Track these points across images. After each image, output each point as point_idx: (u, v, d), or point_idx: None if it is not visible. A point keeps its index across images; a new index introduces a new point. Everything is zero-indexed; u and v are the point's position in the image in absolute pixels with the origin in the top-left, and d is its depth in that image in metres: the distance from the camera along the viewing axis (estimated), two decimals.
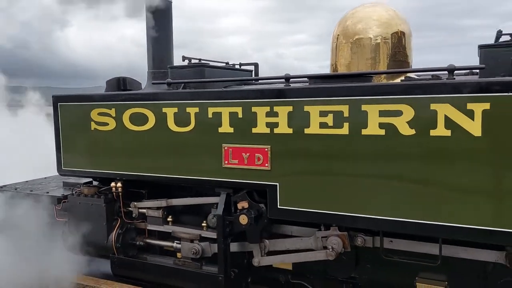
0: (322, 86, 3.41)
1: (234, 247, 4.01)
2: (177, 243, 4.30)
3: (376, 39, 4.08)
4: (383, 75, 4.07)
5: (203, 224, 4.19)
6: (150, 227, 4.49)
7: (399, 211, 3.16)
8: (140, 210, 4.49)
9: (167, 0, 5.36)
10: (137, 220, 4.54)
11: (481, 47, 3.38)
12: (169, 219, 4.37)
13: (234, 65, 5.48)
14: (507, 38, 3.63)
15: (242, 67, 5.54)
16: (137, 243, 4.57)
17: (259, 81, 5.10)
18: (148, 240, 4.55)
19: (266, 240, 3.95)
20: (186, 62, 4.79)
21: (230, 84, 4.57)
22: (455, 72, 3.16)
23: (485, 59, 3.33)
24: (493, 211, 2.89)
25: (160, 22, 5.29)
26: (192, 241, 4.18)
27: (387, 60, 4.08)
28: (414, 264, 3.49)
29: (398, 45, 4.10)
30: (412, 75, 4.07)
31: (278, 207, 3.58)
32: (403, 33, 4.12)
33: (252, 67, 5.60)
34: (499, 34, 3.46)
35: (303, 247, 3.79)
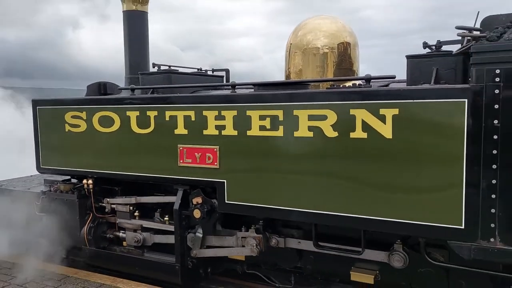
0: (261, 93, 3.80)
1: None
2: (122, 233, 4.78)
3: (324, 49, 4.45)
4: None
5: (165, 218, 4.58)
6: (119, 221, 4.89)
7: (326, 205, 3.52)
8: (111, 205, 4.90)
9: (143, 11, 5.80)
10: (108, 215, 4.95)
11: (407, 57, 3.73)
12: (136, 213, 4.77)
13: (206, 71, 5.88)
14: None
15: (215, 73, 5.94)
16: (107, 235, 4.97)
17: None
18: (116, 233, 4.95)
19: (207, 236, 4.35)
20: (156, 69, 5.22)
21: (190, 89, 4.89)
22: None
23: (411, 69, 3.69)
24: (404, 204, 3.24)
25: (136, 31, 5.72)
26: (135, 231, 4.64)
27: (333, 68, 4.45)
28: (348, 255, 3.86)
29: (344, 54, 4.46)
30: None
31: (226, 202, 3.96)
32: (348, 44, 4.48)
33: (223, 73, 6.01)
34: (425, 45, 3.80)
35: (226, 245, 4.26)
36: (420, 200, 3.17)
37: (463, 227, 3.03)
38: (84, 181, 4.81)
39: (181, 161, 4.12)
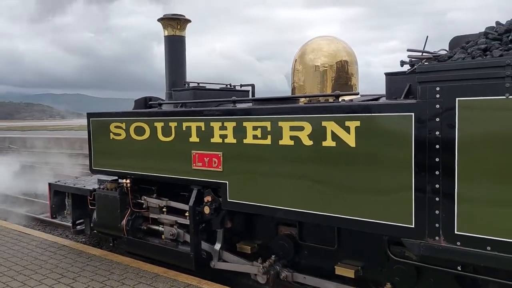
0: (254, 107, 4.43)
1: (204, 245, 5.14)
2: (161, 227, 5.53)
3: (323, 67, 4.97)
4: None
5: (186, 214, 5.34)
6: (152, 215, 5.74)
7: (306, 204, 4.04)
8: (149, 202, 5.76)
9: (181, 35, 6.70)
10: (143, 210, 5.82)
11: (386, 74, 4.15)
12: (164, 209, 5.59)
13: (234, 86, 6.59)
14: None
15: (243, 88, 6.64)
16: (142, 227, 5.84)
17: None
18: (149, 225, 5.80)
19: (224, 252, 5.02)
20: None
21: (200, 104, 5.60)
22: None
23: (389, 85, 4.10)
24: (366, 205, 3.67)
25: (175, 53, 6.62)
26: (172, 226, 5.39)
27: (332, 83, 4.95)
28: (333, 251, 4.34)
29: (341, 71, 4.94)
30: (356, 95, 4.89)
31: (228, 200, 4.62)
32: (346, 62, 4.96)
33: (249, 88, 6.69)
34: (402, 63, 4.17)
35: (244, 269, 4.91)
36: (379, 201, 3.59)
37: (413, 226, 3.41)
38: (123, 180, 5.74)
39: (194, 164, 4.86)
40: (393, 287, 4.00)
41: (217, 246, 5.02)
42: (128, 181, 5.70)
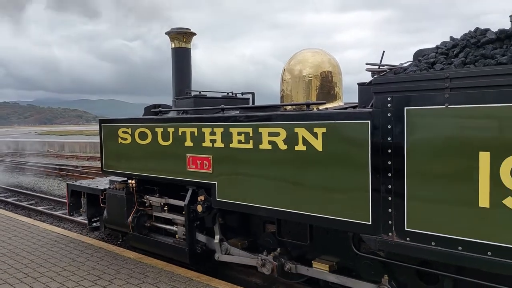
0: (237, 114, 4.86)
1: (202, 238, 5.57)
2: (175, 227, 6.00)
3: (308, 77, 5.36)
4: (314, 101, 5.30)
5: (183, 212, 5.81)
6: (155, 213, 6.25)
7: (283, 203, 4.43)
8: (150, 201, 6.28)
9: (186, 47, 7.21)
10: (147, 208, 6.34)
11: (358, 84, 4.51)
12: (165, 208, 6.09)
13: (236, 94, 7.04)
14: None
15: (244, 96, 7.09)
16: (146, 224, 6.36)
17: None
18: (153, 223, 6.31)
19: (228, 245, 5.43)
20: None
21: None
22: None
23: (361, 94, 4.46)
24: (332, 203, 4.03)
25: (181, 63, 7.14)
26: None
27: (316, 92, 5.33)
28: (307, 246, 4.70)
29: (325, 80, 5.32)
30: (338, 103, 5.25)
31: (217, 199, 5.06)
32: (330, 72, 5.33)
33: (250, 96, 7.12)
34: (372, 74, 4.50)
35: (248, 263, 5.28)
36: (342, 200, 3.95)
37: (370, 223, 3.75)
38: (129, 181, 6.28)
39: (189, 166, 5.33)
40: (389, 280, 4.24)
41: (217, 239, 5.44)
42: (133, 181, 6.23)
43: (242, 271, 5.79)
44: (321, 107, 4.87)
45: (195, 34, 7.27)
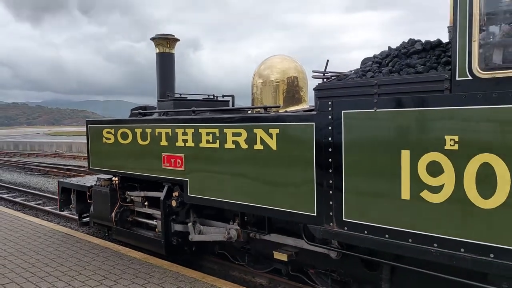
0: (206, 117, 5.29)
1: (180, 227, 6.00)
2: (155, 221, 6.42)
3: (276, 81, 5.79)
4: (281, 104, 5.73)
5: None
6: (136, 208, 6.69)
7: (244, 198, 4.84)
8: (131, 197, 6.72)
9: (170, 52, 7.65)
10: (129, 204, 6.77)
11: (314, 89, 4.91)
12: (146, 203, 6.52)
13: (217, 97, 7.46)
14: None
15: (225, 98, 7.50)
16: (129, 219, 6.79)
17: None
18: (135, 217, 6.74)
19: (201, 226, 5.86)
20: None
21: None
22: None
23: (316, 98, 4.86)
24: (285, 197, 4.44)
25: (165, 68, 7.57)
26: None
27: (283, 95, 5.75)
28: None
29: (291, 85, 5.75)
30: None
31: (189, 195, 5.48)
32: (296, 78, 5.76)
33: (230, 98, 7.54)
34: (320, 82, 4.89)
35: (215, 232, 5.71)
36: (293, 194, 4.35)
37: (315, 214, 4.16)
38: (113, 178, 6.72)
39: (164, 164, 5.76)
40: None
41: (190, 223, 5.88)
42: (116, 178, 6.67)
43: (242, 270, 6.07)
44: (280, 110, 5.30)
45: (178, 40, 7.70)
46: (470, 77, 3.13)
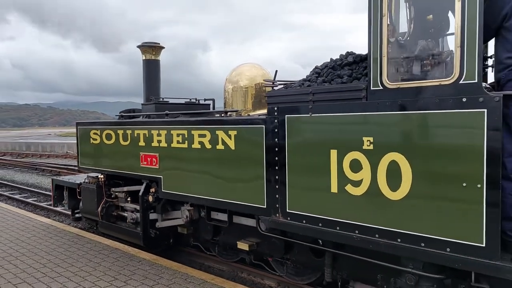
0: (177, 119, 5.85)
1: (153, 216, 6.56)
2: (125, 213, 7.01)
3: (245, 87, 6.33)
4: (249, 108, 6.27)
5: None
6: (120, 203, 7.26)
7: (208, 193, 5.39)
8: (115, 193, 7.29)
9: (156, 59, 8.22)
10: (114, 199, 7.34)
11: (265, 96, 5.43)
12: (128, 199, 7.09)
13: (199, 101, 8.01)
14: None
15: (207, 102, 8.06)
16: (114, 213, 7.36)
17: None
18: (119, 212, 7.31)
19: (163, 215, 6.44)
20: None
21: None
22: None
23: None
24: (242, 192, 4.97)
25: (151, 73, 8.14)
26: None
27: (251, 100, 6.29)
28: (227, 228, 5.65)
29: (259, 91, 6.28)
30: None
31: (162, 191, 6.04)
32: (263, 84, 6.30)
33: (210, 102, 8.09)
34: (286, 87, 5.43)
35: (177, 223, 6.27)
36: (248, 189, 4.88)
37: (265, 206, 4.68)
38: (99, 175, 7.30)
39: (142, 163, 6.33)
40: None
41: (158, 210, 6.44)
42: (102, 176, 7.25)
43: (251, 272, 6.25)
44: (249, 113, 5.83)
45: (163, 47, 8.28)
46: (381, 87, 3.65)
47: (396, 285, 3.98)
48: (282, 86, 4.86)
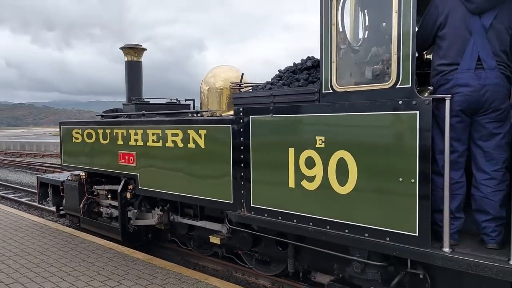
0: (152, 119, 6.13)
1: (130, 214, 6.84)
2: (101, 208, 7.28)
3: (220, 88, 6.62)
4: (223, 109, 6.56)
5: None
6: (101, 200, 7.52)
7: (181, 189, 5.67)
8: (97, 190, 7.56)
9: (138, 60, 8.49)
10: (95, 196, 7.61)
11: (232, 97, 5.71)
12: (109, 196, 7.36)
13: (179, 101, 8.28)
14: None
15: (187, 102, 8.32)
16: (95, 209, 7.63)
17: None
18: (100, 209, 7.58)
19: (135, 211, 6.70)
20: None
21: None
22: None
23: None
24: (211, 188, 5.26)
25: (133, 74, 8.41)
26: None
27: (226, 100, 6.58)
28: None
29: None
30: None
31: (139, 187, 6.32)
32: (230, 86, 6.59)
33: (191, 102, 8.36)
34: (253, 88, 5.73)
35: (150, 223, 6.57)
36: (217, 185, 5.17)
37: (232, 202, 4.98)
38: (81, 173, 7.56)
39: (120, 161, 6.60)
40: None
41: (132, 210, 6.74)
42: (83, 174, 7.51)
43: (245, 271, 6.35)
44: (223, 114, 6.12)
45: (145, 49, 8.55)
46: (331, 91, 3.95)
47: (346, 273, 4.29)
48: (249, 88, 5.15)
